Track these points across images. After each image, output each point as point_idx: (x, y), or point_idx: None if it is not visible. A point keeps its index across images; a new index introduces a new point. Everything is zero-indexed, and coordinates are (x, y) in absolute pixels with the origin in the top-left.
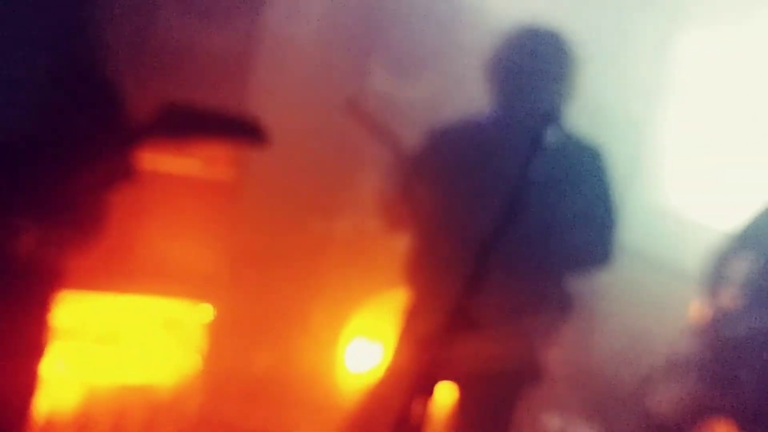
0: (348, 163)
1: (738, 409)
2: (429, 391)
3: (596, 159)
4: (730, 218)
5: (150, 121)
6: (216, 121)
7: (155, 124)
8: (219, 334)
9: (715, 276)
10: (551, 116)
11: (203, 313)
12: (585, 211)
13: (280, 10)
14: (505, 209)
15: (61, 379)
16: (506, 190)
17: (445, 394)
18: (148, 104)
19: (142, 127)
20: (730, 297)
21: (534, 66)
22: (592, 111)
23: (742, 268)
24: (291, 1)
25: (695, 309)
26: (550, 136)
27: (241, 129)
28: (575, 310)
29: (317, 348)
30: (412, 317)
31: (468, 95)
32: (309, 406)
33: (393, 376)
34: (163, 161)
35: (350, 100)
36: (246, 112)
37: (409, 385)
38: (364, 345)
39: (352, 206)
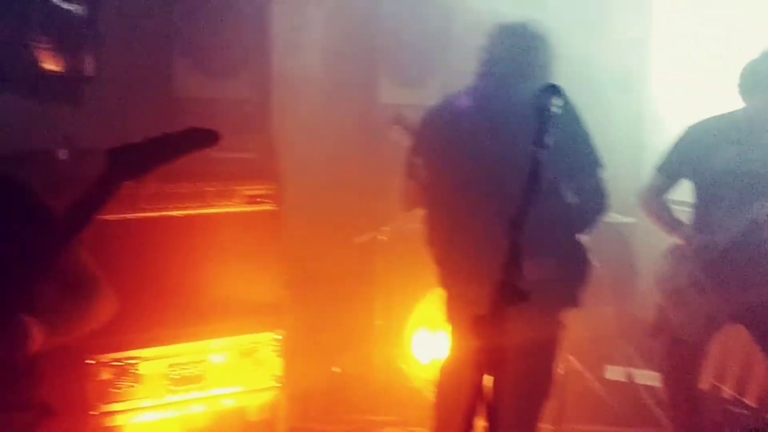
0: (378, 175)
1: (745, 313)
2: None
3: (575, 113)
4: None
5: (104, 173)
6: (167, 142)
7: (111, 173)
8: (293, 354)
9: (661, 211)
10: (554, 87)
11: (274, 339)
12: (577, 166)
13: (286, 52)
14: (527, 179)
15: (162, 417)
16: (521, 161)
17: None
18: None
19: (100, 180)
20: (686, 226)
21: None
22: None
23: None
24: (294, 42)
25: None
26: (555, 105)
27: (192, 139)
28: (592, 264)
29: (385, 345)
30: (461, 299)
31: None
32: (389, 402)
33: (459, 361)
34: (208, 205)
35: (395, 115)
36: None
37: (474, 367)
38: (429, 336)
39: (389, 215)
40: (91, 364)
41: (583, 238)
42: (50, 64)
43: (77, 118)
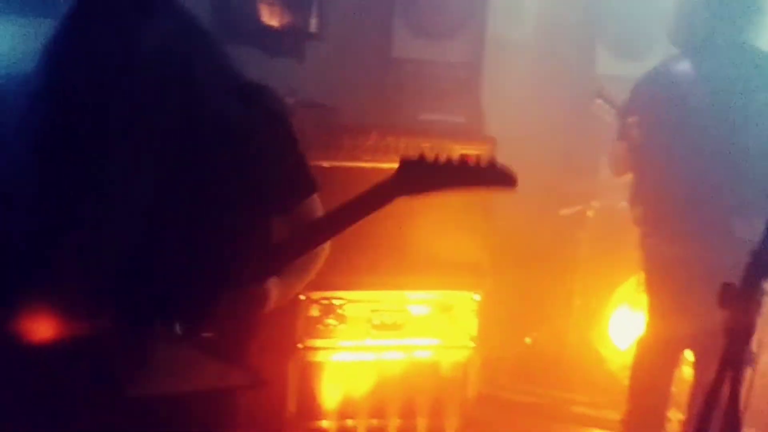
0: (590, 151)
1: None
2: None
3: None
4: None
5: (391, 180)
6: (462, 169)
7: (394, 183)
8: (489, 318)
9: None
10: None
11: (473, 299)
12: None
13: (503, 16)
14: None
15: (361, 359)
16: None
17: None
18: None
19: (385, 188)
20: None
21: None
22: None
23: None
24: (511, 7)
25: None
26: None
27: (490, 178)
28: None
29: (582, 324)
30: (666, 266)
31: None
32: (579, 379)
33: (658, 338)
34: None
35: (598, 89)
36: (493, 160)
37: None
38: (627, 317)
39: (597, 191)
40: (302, 300)
41: None
42: (277, 21)
43: (300, 71)
